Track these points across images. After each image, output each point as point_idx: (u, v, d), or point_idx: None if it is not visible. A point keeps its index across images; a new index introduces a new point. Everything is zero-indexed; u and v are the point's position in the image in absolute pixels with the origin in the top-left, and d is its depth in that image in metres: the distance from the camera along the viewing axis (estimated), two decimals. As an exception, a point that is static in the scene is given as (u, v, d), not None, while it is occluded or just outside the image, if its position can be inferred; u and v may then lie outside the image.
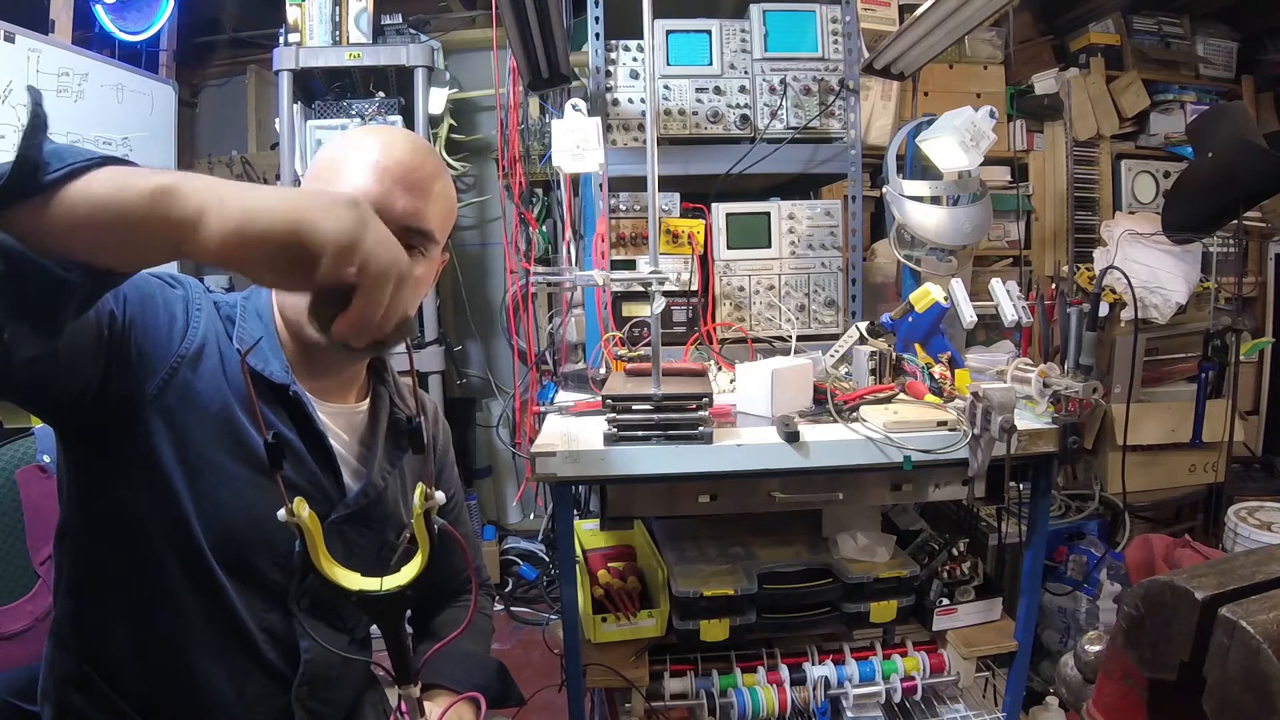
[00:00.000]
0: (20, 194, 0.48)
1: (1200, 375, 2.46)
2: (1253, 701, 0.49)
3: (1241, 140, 2.03)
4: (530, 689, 1.17)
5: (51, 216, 0.49)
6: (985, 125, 1.64)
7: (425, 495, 0.68)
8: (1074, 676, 0.84)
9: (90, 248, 0.51)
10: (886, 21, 2.59)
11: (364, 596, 0.69)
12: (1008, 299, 1.46)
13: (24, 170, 0.48)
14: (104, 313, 0.70)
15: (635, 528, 1.63)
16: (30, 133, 0.49)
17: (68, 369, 0.67)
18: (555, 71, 1.80)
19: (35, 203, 0.49)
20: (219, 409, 0.79)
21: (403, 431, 0.98)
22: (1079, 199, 2.91)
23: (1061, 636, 2.14)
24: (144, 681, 0.79)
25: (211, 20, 3.15)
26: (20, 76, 2.14)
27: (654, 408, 1.15)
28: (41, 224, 0.49)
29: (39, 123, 0.49)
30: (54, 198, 0.49)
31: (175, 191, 0.51)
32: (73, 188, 0.50)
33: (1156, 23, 3.08)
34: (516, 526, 3.30)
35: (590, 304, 1.80)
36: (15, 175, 0.48)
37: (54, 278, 0.50)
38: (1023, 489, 1.36)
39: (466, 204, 3.27)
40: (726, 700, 1.31)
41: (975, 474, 1.19)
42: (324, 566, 0.69)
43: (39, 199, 0.49)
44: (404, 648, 0.74)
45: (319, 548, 0.68)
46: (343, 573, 0.70)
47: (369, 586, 0.70)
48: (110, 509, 0.77)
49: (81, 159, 0.50)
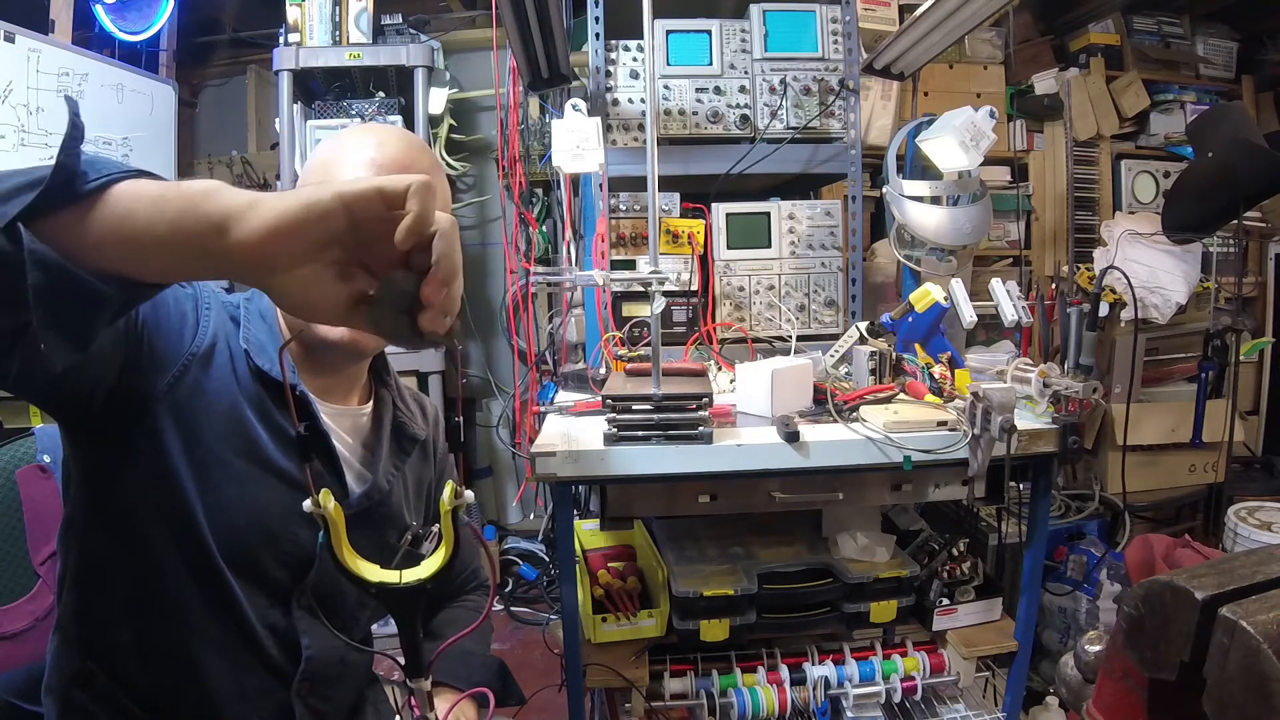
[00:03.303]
0: (59, 203, 0.47)
1: (1200, 375, 2.46)
2: (1253, 701, 0.49)
3: (1241, 140, 2.03)
4: (530, 689, 1.17)
5: (89, 226, 0.48)
6: (985, 125, 1.64)
7: (455, 492, 0.69)
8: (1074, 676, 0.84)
9: (128, 257, 0.50)
10: (886, 21, 2.60)
11: (383, 588, 0.70)
12: (1008, 299, 1.46)
13: (63, 179, 0.47)
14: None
15: (635, 528, 1.63)
16: (69, 142, 0.48)
17: (83, 366, 0.68)
18: (555, 71, 1.80)
19: (72, 212, 0.48)
20: (227, 407, 0.79)
21: (406, 435, 0.98)
22: (1079, 199, 2.91)
23: (1061, 636, 2.14)
24: (147, 677, 0.80)
25: (211, 20, 3.15)
26: (20, 76, 2.14)
27: (654, 408, 1.15)
28: (78, 234, 0.48)
29: (77, 132, 0.48)
30: (92, 207, 0.48)
31: (223, 189, 0.49)
32: (114, 195, 0.49)
33: (1156, 23, 3.08)
34: (516, 526, 3.30)
35: (590, 304, 1.79)
36: (54, 183, 0.47)
37: (91, 290, 0.49)
38: (1023, 489, 1.36)
39: (466, 204, 3.27)
40: (726, 700, 1.31)
41: (975, 474, 1.19)
42: (346, 558, 0.70)
43: (76, 209, 0.48)
44: (418, 641, 0.74)
45: (342, 539, 0.69)
46: (364, 564, 0.71)
47: (389, 579, 0.70)
48: (116, 505, 0.77)
49: (120, 169, 0.50)
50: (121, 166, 0.50)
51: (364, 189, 0.48)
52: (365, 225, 0.49)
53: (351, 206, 0.48)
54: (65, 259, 0.48)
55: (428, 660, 0.77)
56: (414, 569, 0.71)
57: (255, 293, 0.89)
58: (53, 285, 0.47)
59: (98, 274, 0.49)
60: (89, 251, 0.49)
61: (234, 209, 0.48)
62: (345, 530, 0.70)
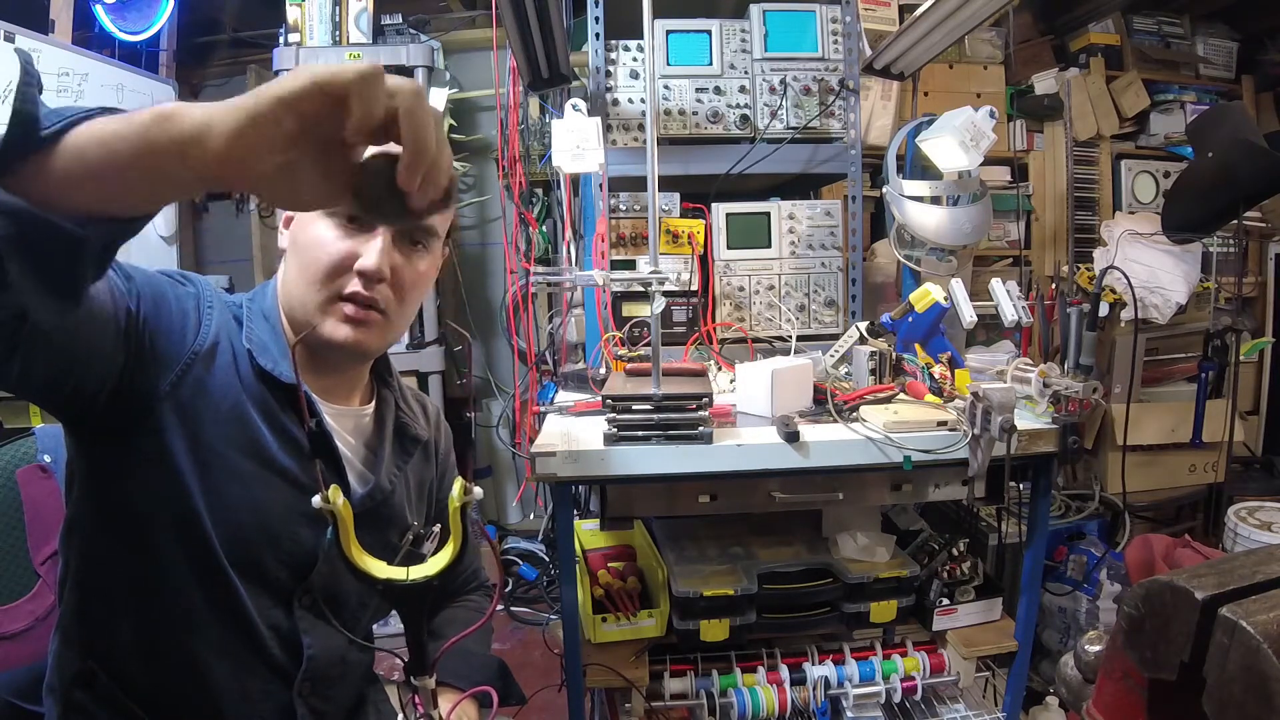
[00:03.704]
0: (20, 151, 0.48)
1: (1200, 375, 2.46)
2: (1253, 701, 0.49)
3: (1241, 140, 2.03)
4: (530, 689, 1.17)
5: (54, 170, 0.49)
6: (985, 125, 1.64)
7: (465, 489, 0.69)
8: (1074, 676, 0.84)
9: (98, 195, 0.50)
10: (886, 21, 2.60)
11: (390, 585, 0.70)
12: (1008, 299, 1.46)
13: (22, 127, 0.48)
14: (120, 308, 0.71)
15: (635, 528, 1.63)
16: (23, 91, 0.48)
17: (85, 365, 0.68)
18: (555, 71, 1.80)
19: (36, 159, 0.48)
20: (231, 406, 0.79)
21: (408, 436, 0.98)
22: (1079, 199, 2.91)
23: (1061, 636, 2.14)
24: (149, 677, 0.80)
25: (211, 20, 3.15)
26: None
27: (654, 408, 1.15)
28: (45, 180, 0.49)
29: (30, 79, 0.49)
30: (55, 151, 0.49)
31: (179, 109, 0.49)
32: (74, 136, 0.49)
33: (1156, 23, 3.08)
34: (516, 526, 3.30)
35: (590, 304, 1.80)
36: (13, 133, 0.47)
37: (67, 234, 0.50)
38: (1023, 489, 1.36)
39: (466, 204, 3.27)
40: (726, 700, 1.31)
41: (975, 474, 1.19)
42: (354, 554, 0.70)
43: (40, 155, 0.48)
44: (423, 639, 0.74)
45: (350, 536, 0.69)
46: (371, 561, 0.71)
47: (396, 575, 0.70)
48: (119, 505, 0.77)
49: (78, 112, 0.50)
50: (80, 109, 0.50)
51: (301, 87, 0.48)
52: (318, 120, 0.49)
53: (293, 106, 0.48)
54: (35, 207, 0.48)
55: (432, 658, 0.77)
56: (421, 566, 0.71)
57: (257, 293, 0.89)
58: (24, 233, 0.48)
59: (75, 218, 0.50)
60: (59, 196, 0.49)
61: (191, 131, 0.48)
62: (354, 527, 0.70)
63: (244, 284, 2.84)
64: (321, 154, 0.51)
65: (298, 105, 0.48)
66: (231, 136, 0.48)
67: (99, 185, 0.50)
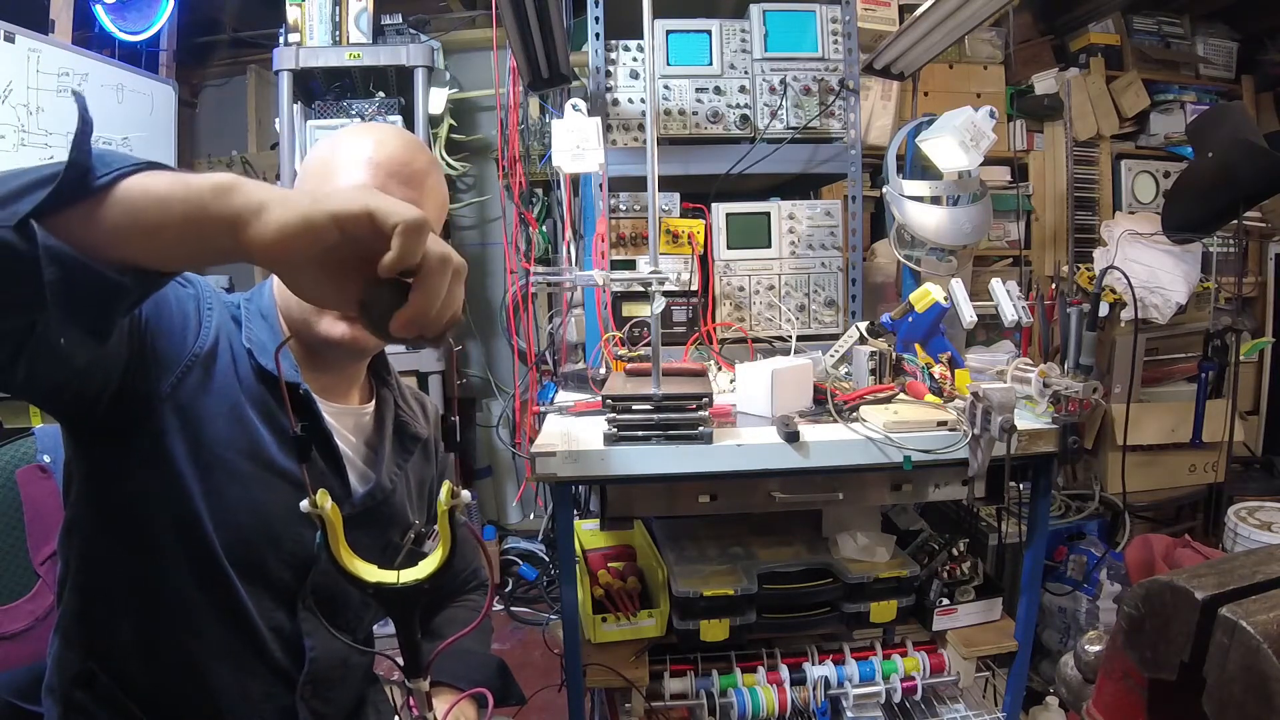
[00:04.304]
0: (72, 198, 0.49)
1: (1200, 375, 2.46)
2: (1253, 701, 0.49)
3: (1241, 140, 2.03)
4: (530, 689, 1.17)
5: (103, 219, 0.50)
6: (985, 125, 1.64)
7: (452, 492, 0.69)
8: (1074, 676, 0.84)
9: (144, 249, 0.52)
10: (886, 21, 2.59)
11: (380, 589, 0.70)
12: (1008, 299, 1.46)
13: (75, 174, 0.48)
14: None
15: (635, 528, 1.63)
16: (79, 137, 0.49)
17: (89, 370, 0.68)
18: (555, 71, 1.79)
19: (86, 207, 0.50)
20: (231, 407, 0.79)
21: (408, 434, 0.98)
22: (1079, 199, 2.91)
23: (1061, 636, 2.14)
24: (149, 678, 0.80)
25: (211, 20, 3.15)
26: (20, 76, 2.14)
27: (654, 408, 1.15)
28: (94, 229, 0.50)
29: (86, 127, 0.50)
30: (105, 201, 0.50)
31: (238, 186, 0.52)
32: (125, 189, 0.50)
33: (1156, 23, 3.08)
34: (516, 526, 3.30)
35: (590, 304, 1.79)
36: (67, 179, 0.48)
37: (109, 282, 0.51)
38: (1023, 489, 1.36)
39: (466, 204, 3.27)
40: (726, 700, 1.31)
41: (975, 474, 1.19)
42: (343, 558, 0.69)
43: (89, 203, 0.50)
44: (416, 642, 0.74)
45: (339, 540, 0.69)
46: (361, 565, 0.71)
47: (386, 579, 0.70)
48: (119, 506, 0.77)
49: (129, 163, 0.51)
50: (132, 160, 0.52)
51: (356, 210, 0.52)
52: (358, 242, 0.52)
53: (343, 225, 0.52)
54: (81, 254, 0.49)
55: (426, 660, 0.77)
56: (411, 569, 0.71)
57: (255, 292, 0.89)
58: (69, 280, 0.49)
59: (114, 266, 0.51)
60: (104, 245, 0.50)
61: (242, 213, 0.51)
62: (343, 530, 0.70)
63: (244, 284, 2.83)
64: (343, 267, 0.54)
65: (347, 224, 0.52)
66: (281, 229, 0.51)
67: (147, 239, 0.52)
